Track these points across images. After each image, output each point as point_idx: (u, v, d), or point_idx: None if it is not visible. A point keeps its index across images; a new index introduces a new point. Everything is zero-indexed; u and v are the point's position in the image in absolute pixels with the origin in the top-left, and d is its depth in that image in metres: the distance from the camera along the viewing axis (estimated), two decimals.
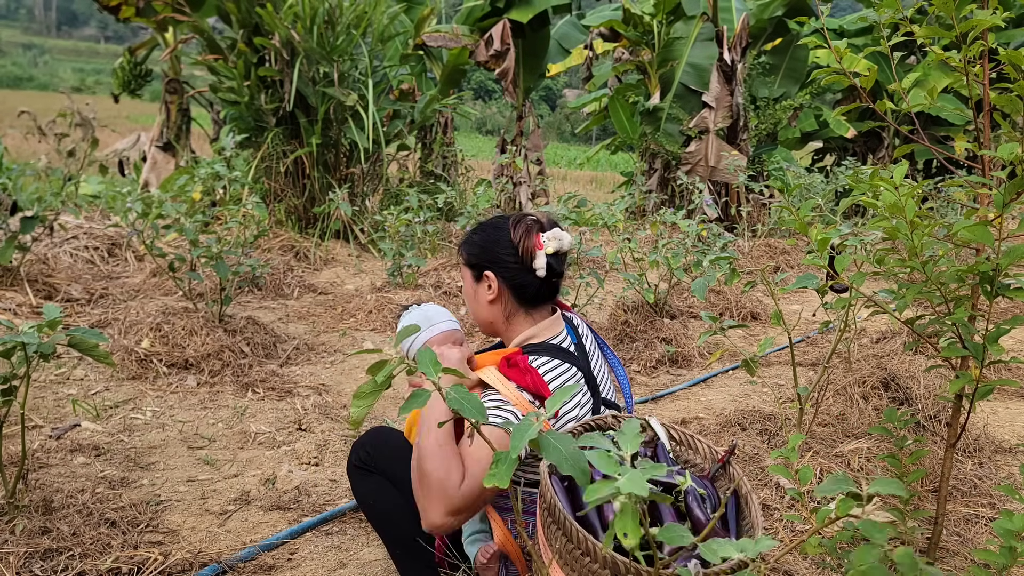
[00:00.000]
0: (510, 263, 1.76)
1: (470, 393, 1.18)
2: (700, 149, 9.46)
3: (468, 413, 1.16)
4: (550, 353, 1.74)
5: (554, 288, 1.81)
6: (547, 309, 1.84)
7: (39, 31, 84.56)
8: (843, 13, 16.21)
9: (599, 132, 29.01)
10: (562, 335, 1.81)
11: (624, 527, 0.98)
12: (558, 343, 1.78)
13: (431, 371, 1.18)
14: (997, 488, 1.91)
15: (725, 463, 1.49)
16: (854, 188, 1.77)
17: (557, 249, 1.73)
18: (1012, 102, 1.75)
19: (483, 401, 1.34)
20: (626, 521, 0.97)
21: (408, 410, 1.18)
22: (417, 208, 6.17)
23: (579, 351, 1.82)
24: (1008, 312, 5.13)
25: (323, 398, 3.48)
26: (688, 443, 1.63)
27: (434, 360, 1.19)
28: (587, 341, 1.89)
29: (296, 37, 6.56)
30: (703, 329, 4.25)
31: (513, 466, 1.08)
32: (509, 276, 1.77)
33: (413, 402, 1.17)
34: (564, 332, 1.82)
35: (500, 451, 1.12)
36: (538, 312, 1.81)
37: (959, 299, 1.78)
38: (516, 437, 1.07)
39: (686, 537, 1.02)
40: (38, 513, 2.21)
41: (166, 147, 9.28)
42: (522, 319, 1.81)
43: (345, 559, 2.21)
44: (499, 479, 1.07)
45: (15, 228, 4.48)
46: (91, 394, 3.34)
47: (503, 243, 1.76)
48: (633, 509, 0.98)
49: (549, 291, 1.80)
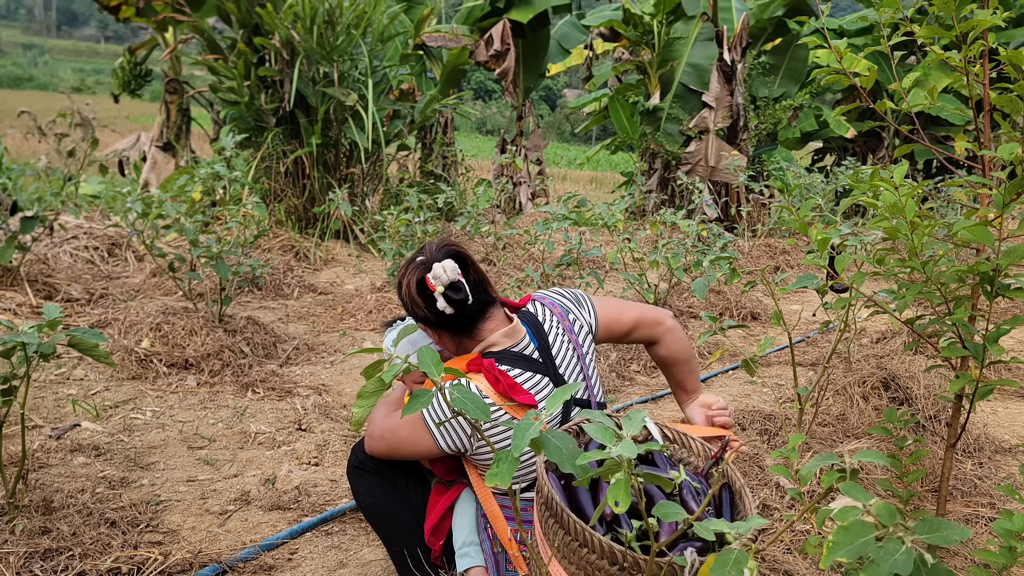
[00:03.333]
0: (421, 315, 1.78)
1: (471, 392, 1.22)
2: (700, 149, 9.46)
3: (472, 413, 1.19)
4: (512, 363, 1.74)
5: (479, 305, 1.77)
6: (495, 319, 1.80)
7: (39, 31, 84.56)
8: (843, 13, 16.21)
9: (599, 132, 29.00)
10: (523, 342, 1.79)
11: (616, 496, 1.01)
12: (520, 351, 1.77)
13: (433, 371, 1.22)
14: (997, 488, 1.91)
15: (719, 459, 1.50)
16: (854, 188, 1.77)
17: (447, 283, 1.70)
18: (1012, 102, 1.75)
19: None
20: (618, 490, 1.01)
21: (410, 413, 1.20)
22: (417, 208, 6.16)
23: (543, 352, 1.79)
24: (1008, 312, 5.13)
25: (323, 398, 3.48)
26: (681, 441, 1.64)
27: (436, 361, 1.23)
28: (552, 332, 1.84)
29: (296, 37, 6.56)
30: (703, 329, 4.24)
31: (515, 466, 1.10)
32: (430, 323, 1.80)
33: (415, 404, 1.19)
34: (525, 339, 1.80)
35: (500, 451, 1.13)
36: (485, 327, 1.79)
37: (959, 299, 1.78)
38: (518, 436, 1.09)
39: (679, 513, 1.05)
40: (38, 513, 2.21)
41: (166, 147, 9.28)
42: (473, 343, 1.80)
43: (345, 559, 2.21)
44: (500, 478, 1.08)
45: (15, 228, 4.48)
46: (91, 394, 3.34)
47: (405, 302, 1.80)
48: (625, 480, 1.02)
49: (474, 312, 1.77)
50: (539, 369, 1.77)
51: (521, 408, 1.66)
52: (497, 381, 1.68)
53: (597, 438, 1.06)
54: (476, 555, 1.78)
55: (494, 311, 1.82)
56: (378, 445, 1.84)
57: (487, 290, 1.81)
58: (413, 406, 1.20)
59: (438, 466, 1.90)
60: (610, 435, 1.06)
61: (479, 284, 1.78)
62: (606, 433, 1.06)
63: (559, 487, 1.39)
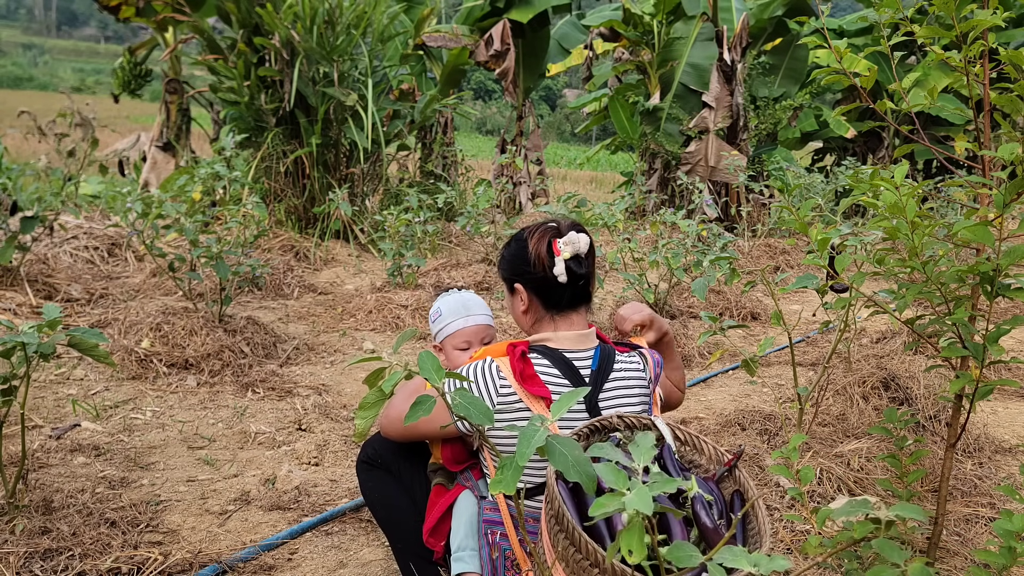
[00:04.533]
0: (533, 273, 1.78)
1: (475, 398, 1.21)
2: (700, 149, 9.46)
3: (476, 419, 1.18)
4: (551, 360, 1.71)
5: (582, 292, 1.79)
6: (576, 320, 1.80)
7: (39, 31, 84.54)
8: (843, 13, 16.21)
9: (599, 132, 29.01)
10: (584, 354, 1.75)
11: (630, 544, 0.97)
12: (572, 358, 1.73)
13: (434, 377, 1.20)
14: (997, 488, 1.91)
15: (732, 467, 1.48)
16: (854, 188, 1.77)
17: (574, 252, 1.73)
18: (1012, 102, 1.75)
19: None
20: (632, 538, 0.97)
21: (413, 419, 1.20)
22: (417, 208, 6.17)
23: (596, 376, 1.73)
24: (1008, 312, 5.13)
25: (323, 398, 3.48)
26: (693, 444, 1.62)
27: (437, 366, 1.22)
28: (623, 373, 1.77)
29: (296, 37, 6.56)
30: (703, 329, 4.24)
31: (519, 473, 1.09)
32: (534, 286, 1.79)
33: (417, 410, 1.19)
34: (590, 353, 1.76)
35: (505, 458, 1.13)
36: (564, 320, 1.79)
37: (959, 299, 1.78)
38: (523, 444, 1.07)
39: (694, 558, 1.01)
40: (38, 513, 2.21)
41: (166, 147, 9.28)
42: (546, 324, 1.81)
43: (345, 559, 2.21)
44: (505, 486, 1.07)
45: (15, 228, 4.48)
46: (91, 394, 3.34)
47: (525, 255, 1.79)
48: (639, 525, 0.97)
49: (576, 295, 1.78)
50: (575, 381, 1.71)
51: (535, 399, 1.64)
52: (519, 365, 1.67)
53: (608, 482, 1.02)
54: (472, 560, 1.76)
55: (583, 310, 1.82)
56: (395, 428, 1.87)
57: (590, 286, 1.82)
58: (415, 414, 1.19)
59: (447, 451, 1.88)
60: (623, 479, 1.01)
61: (589, 276, 1.80)
62: (618, 476, 1.01)
63: (568, 492, 1.36)
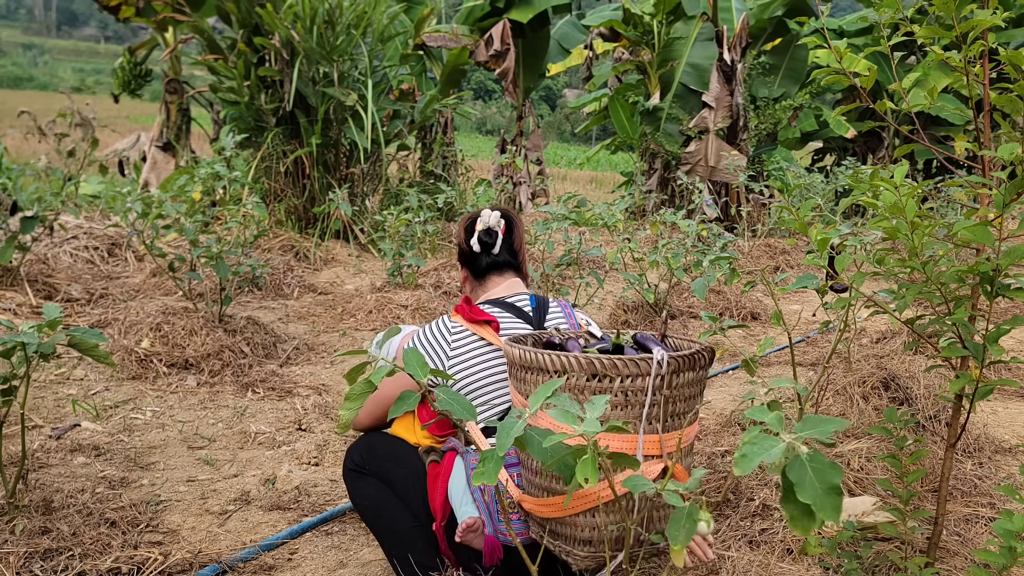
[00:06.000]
0: (461, 250, 2.18)
1: (457, 395, 1.32)
2: (700, 149, 9.46)
3: (458, 413, 1.29)
4: (499, 307, 2.02)
5: (500, 260, 2.11)
6: (508, 280, 2.11)
7: (39, 31, 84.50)
8: (843, 13, 16.20)
9: (599, 132, 28.99)
10: (520, 298, 2.05)
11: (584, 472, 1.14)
12: (512, 301, 2.03)
13: (418, 373, 1.31)
14: (997, 488, 1.91)
15: (663, 337, 1.83)
16: (854, 188, 1.77)
17: (484, 226, 2.10)
18: (1012, 102, 1.75)
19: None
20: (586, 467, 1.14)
21: (398, 413, 1.25)
22: (417, 208, 6.16)
23: (537, 312, 2.03)
24: (1008, 312, 5.13)
25: (323, 398, 3.48)
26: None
27: (421, 362, 1.33)
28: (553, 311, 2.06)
29: (296, 37, 6.56)
30: (703, 329, 4.24)
31: (500, 464, 1.18)
32: (463, 259, 2.19)
33: (402, 405, 1.25)
34: (524, 297, 2.06)
35: (485, 452, 1.21)
36: (490, 282, 2.12)
37: (959, 299, 1.77)
38: (502, 436, 1.19)
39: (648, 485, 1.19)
40: (38, 513, 2.21)
41: (166, 147, 9.28)
42: (479, 289, 2.15)
43: (345, 559, 2.21)
44: (487, 477, 1.17)
45: (15, 228, 4.48)
46: (91, 394, 3.34)
47: (458, 238, 2.19)
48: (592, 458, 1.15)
49: (493, 262, 2.11)
50: (524, 318, 1.99)
51: (484, 326, 1.92)
52: (466, 308, 1.97)
53: (560, 420, 1.17)
54: (473, 507, 1.80)
55: (511, 276, 2.13)
56: (363, 414, 2.06)
57: (517, 259, 2.15)
58: (399, 408, 1.29)
59: (424, 414, 2.03)
60: (572, 419, 1.17)
61: (513, 249, 2.13)
62: (568, 418, 1.17)
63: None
